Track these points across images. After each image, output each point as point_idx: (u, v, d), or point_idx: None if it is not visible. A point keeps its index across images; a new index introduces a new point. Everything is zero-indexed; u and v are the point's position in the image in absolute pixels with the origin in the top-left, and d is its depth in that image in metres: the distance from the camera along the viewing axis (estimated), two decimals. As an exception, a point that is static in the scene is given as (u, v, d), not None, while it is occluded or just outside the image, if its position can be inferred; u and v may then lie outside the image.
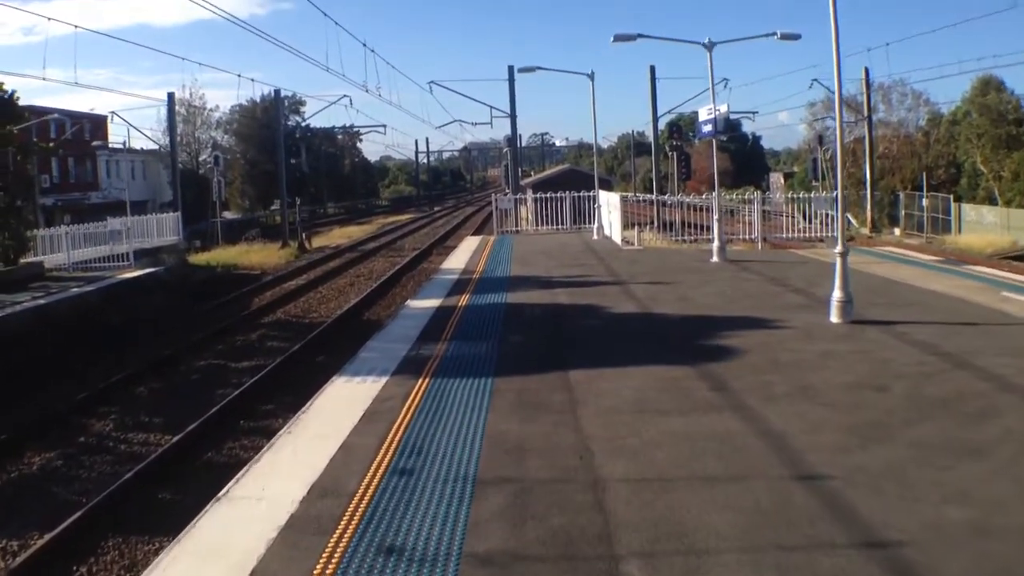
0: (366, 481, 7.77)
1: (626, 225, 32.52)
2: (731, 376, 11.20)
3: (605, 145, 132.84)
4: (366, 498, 7.38)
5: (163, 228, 44.67)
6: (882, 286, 18.70)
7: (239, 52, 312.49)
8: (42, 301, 25.41)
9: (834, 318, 14.73)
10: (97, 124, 76.12)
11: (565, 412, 9.79)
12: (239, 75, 55.56)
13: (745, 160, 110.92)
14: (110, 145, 75.52)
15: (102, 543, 11.28)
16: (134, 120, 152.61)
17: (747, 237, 31.83)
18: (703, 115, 24.59)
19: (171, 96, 56.79)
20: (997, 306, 15.94)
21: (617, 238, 31.60)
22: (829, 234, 31.31)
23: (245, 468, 8.42)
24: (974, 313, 15.34)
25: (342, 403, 10.51)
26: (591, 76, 35.48)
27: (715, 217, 25.34)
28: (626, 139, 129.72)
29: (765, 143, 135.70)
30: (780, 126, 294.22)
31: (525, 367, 12.09)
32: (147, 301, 30.07)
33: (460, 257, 28.68)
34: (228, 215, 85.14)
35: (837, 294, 14.79)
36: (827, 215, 31.77)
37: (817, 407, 9.73)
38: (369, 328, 21.99)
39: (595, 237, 33.44)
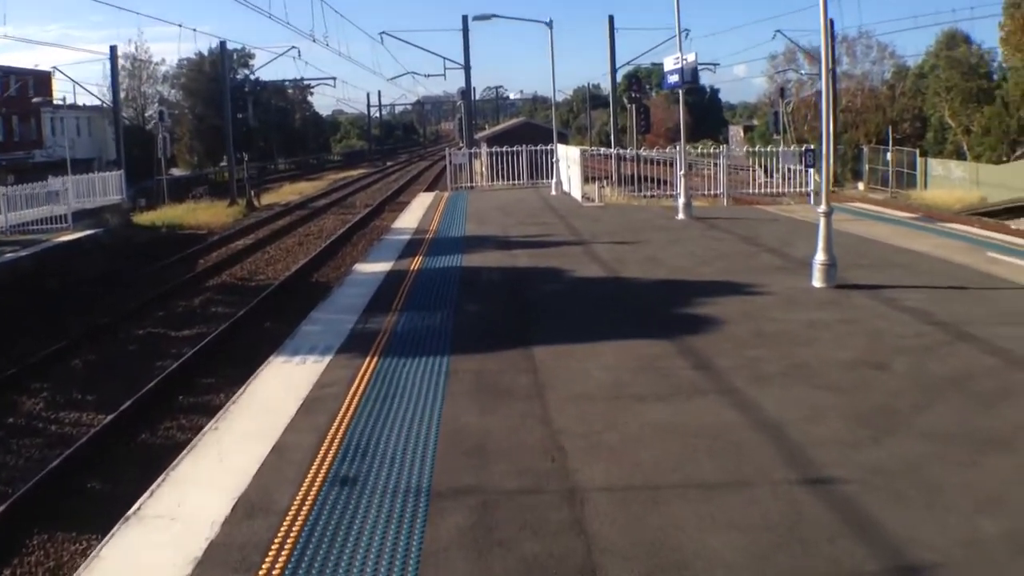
0: (301, 494, 6.53)
1: (585, 180, 31.38)
2: (714, 352, 10.09)
3: (560, 98, 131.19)
4: (300, 518, 6.13)
5: (106, 187, 42.86)
6: (859, 245, 17.69)
7: (186, 3, 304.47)
8: (-29, 269, 24.06)
9: (816, 282, 13.69)
10: (41, 80, 74.03)
11: (531, 399, 8.60)
12: (180, 25, 53.88)
13: (703, 113, 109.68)
14: (55, 102, 73.19)
15: (27, 540, 10.22)
16: (81, 76, 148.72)
17: (710, 192, 30.79)
18: (669, 64, 23.27)
19: (113, 49, 55.15)
20: (984, 268, 15.03)
21: (577, 194, 30.50)
22: (793, 189, 30.41)
23: (162, 476, 7.18)
24: (963, 276, 14.38)
25: (279, 390, 9.25)
26: (549, 24, 34.32)
27: (680, 172, 24.29)
28: (582, 92, 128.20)
29: (721, 97, 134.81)
30: (736, 80, 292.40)
31: (484, 343, 10.87)
32: (85, 265, 28.78)
33: (413, 215, 27.45)
34: (176, 172, 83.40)
35: (820, 256, 13.72)
36: (790, 169, 30.79)
37: (814, 390, 8.66)
38: (317, 291, 20.87)
39: (553, 193, 32.34)
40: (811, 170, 29.55)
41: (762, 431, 7.52)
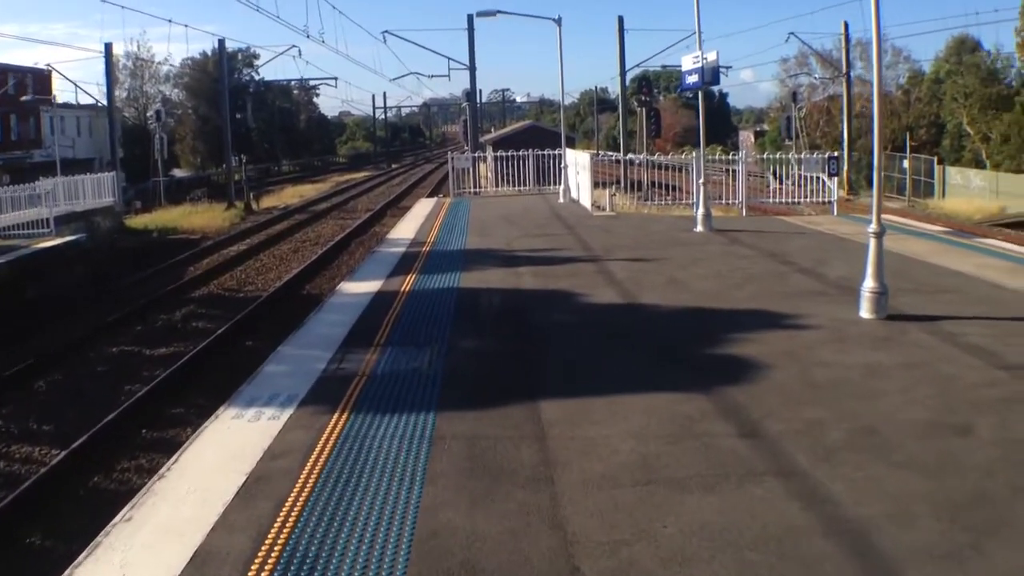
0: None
1: (594, 186, 29.54)
2: (761, 410, 8.19)
3: (567, 101, 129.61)
4: None
5: (99, 188, 40.94)
6: (898, 265, 15.69)
7: (187, 3, 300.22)
8: (-64, 278, 22.37)
9: (865, 312, 11.83)
10: (40, 79, 72.47)
11: (537, 483, 6.65)
12: (170, 21, 52.18)
13: (712, 118, 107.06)
14: (55, 101, 71.67)
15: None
16: (84, 75, 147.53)
17: (726, 201, 28.95)
18: (687, 64, 21.41)
19: (108, 46, 53.18)
20: (1036, 292, 13.32)
21: (586, 202, 28.62)
22: (808, 199, 28.72)
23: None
24: (1017, 303, 12.70)
25: (220, 459, 7.34)
26: (558, 21, 32.51)
27: (699, 180, 22.38)
28: (589, 95, 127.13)
29: (729, 101, 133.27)
30: (742, 84, 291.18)
31: (479, 394, 8.95)
32: (64, 274, 27.01)
33: (411, 224, 25.57)
34: (179, 173, 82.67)
35: (870, 283, 11.83)
36: (802, 176, 29.08)
37: (893, 469, 6.81)
38: (307, 305, 19.10)
39: (561, 200, 30.48)
40: (834, 178, 27.94)
41: (839, 539, 5.65)
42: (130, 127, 79.05)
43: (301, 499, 6.46)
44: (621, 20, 50.16)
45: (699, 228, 21.46)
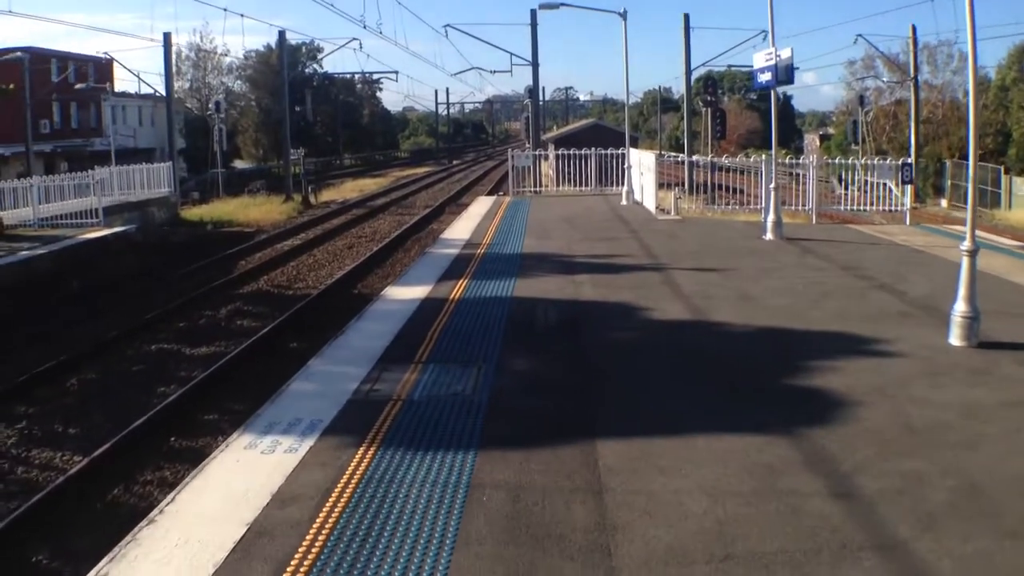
0: None
1: (658, 188, 28.42)
2: (853, 461, 7.03)
3: (631, 101, 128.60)
4: None
5: (155, 178, 40.52)
6: (980, 283, 14.54)
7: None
8: (-20, 268, 21.80)
9: (955, 339, 10.68)
10: (102, 68, 72.51)
11: (591, 556, 5.49)
12: (225, 10, 51.92)
13: (777, 121, 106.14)
14: (118, 90, 71.66)
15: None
16: (149, 66, 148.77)
17: (794, 207, 27.63)
18: (759, 62, 20.24)
19: (167, 36, 52.53)
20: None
21: (650, 204, 27.53)
22: (874, 206, 27.32)
23: None
24: (1109, 332, 11.40)
25: (220, 504, 6.34)
26: (623, 15, 31.32)
27: (770, 185, 21.24)
28: (652, 94, 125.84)
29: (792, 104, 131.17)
30: (805, 87, 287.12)
31: (528, 427, 7.86)
32: (112, 266, 26.40)
33: (467, 223, 24.72)
34: (240, 164, 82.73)
35: (962, 307, 10.69)
36: (867, 182, 27.77)
37: (1003, 539, 5.71)
38: (355, 306, 18.16)
39: (624, 202, 29.45)
40: (907, 186, 26.68)
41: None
42: (192, 118, 79.11)
43: (306, 563, 5.40)
44: (687, 18, 48.89)
45: (769, 236, 20.29)
